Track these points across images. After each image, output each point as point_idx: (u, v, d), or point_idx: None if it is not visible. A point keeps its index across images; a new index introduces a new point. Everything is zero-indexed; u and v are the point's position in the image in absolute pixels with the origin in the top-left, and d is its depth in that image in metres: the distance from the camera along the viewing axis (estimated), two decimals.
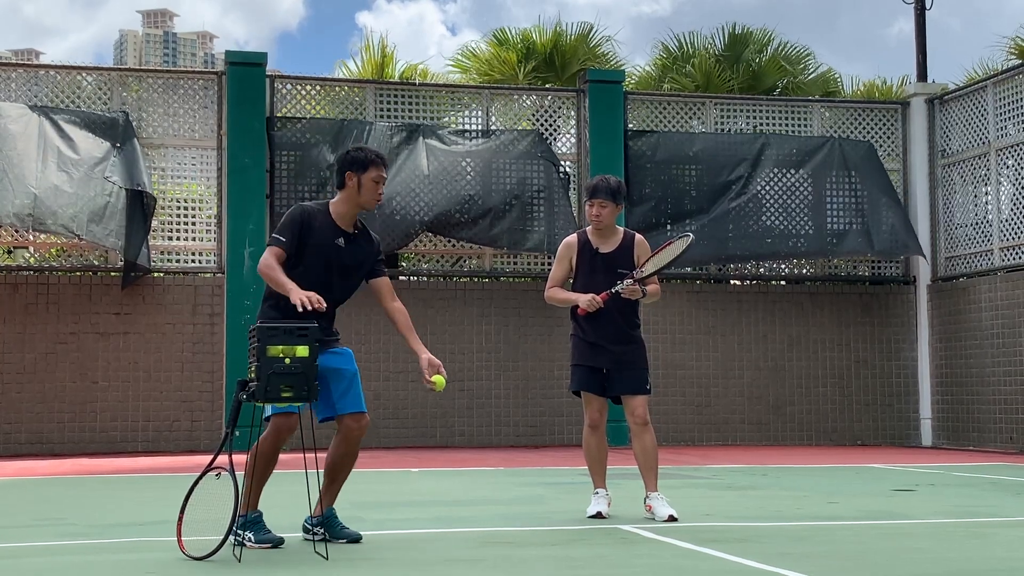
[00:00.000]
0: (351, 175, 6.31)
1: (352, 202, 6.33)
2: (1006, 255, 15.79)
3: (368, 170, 6.31)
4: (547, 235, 15.89)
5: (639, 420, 7.47)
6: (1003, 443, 15.40)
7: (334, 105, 16.30)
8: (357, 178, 6.30)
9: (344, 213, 6.34)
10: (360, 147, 6.51)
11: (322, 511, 6.31)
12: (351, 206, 6.34)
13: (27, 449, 14.45)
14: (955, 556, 6.13)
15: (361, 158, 6.34)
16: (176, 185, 15.74)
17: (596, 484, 7.58)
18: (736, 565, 5.66)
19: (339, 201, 6.36)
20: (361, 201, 6.33)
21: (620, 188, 7.59)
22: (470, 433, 15.78)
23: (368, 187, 6.31)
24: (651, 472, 7.45)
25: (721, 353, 16.63)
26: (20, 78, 15.32)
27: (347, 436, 6.27)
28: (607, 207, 7.50)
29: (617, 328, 7.51)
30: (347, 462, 6.33)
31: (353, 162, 6.33)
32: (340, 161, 6.42)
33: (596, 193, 7.51)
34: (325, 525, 6.28)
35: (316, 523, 6.30)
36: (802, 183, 16.85)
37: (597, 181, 7.59)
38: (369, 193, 6.32)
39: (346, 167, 6.34)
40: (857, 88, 21.82)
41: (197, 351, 15.10)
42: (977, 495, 9.47)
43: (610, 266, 7.50)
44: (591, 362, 7.56)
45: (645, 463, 7.45)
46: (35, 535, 6.88)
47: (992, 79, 16.38)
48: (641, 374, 7.54)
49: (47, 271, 14.95)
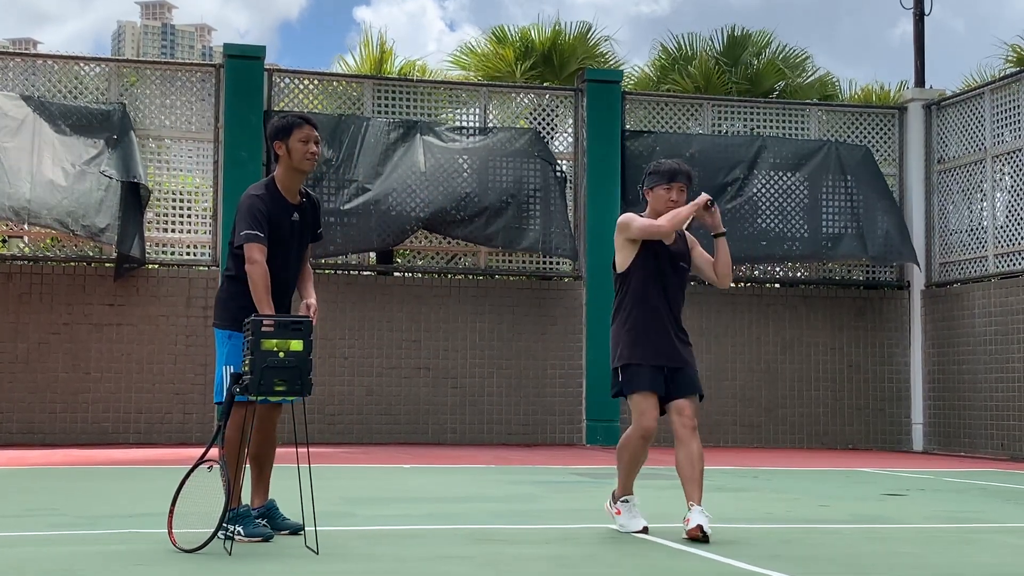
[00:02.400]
0: (279, 144, 6.30)
1: (289, 170, 6.32)
2: (1000, 262, 15.82)
3: (292, 133, 6.29)
4: (542, 235, 15.90)
5: (689, 423, 6.55)
6: (994, 449, 15.43)
7: (332, 100, 16.29)
8: (285, 144, 6.29)
9: (288, 185, 6.34)
10: (283, 114, 6.51)
11: (262, 502, 6.34)
12: (291, 174, 6.33)
13: (18, 439, 14.43)
14: (943, 561, 6.14)
15: (283, 124, 6.33)
16: (172, 177, 15.72)
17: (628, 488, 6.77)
18: (725, 566, 5.67)
19: (279, 175, 6.35)
20: (295, 165, 6.31)
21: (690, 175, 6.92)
22: (462, 430, 15.78)
23: (297, 149, 6.28)
24: (696, 483, 6.56)
25: (714, 355, 16.64)
26: (17, 67, 15.29)
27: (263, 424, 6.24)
28: (684, 193, 6.77)
29: (677, 324, 6.71)
30: (268, 450, 6.33)
31: (277, 131, 6.32)
32: (267, 136, 6.41)
33: (677, 176, 6.75)
34: (267, 516, 6.30)
35: (257, 515, 6.32)
36: (798, 186, 16.87)
37: (675, 164, 6.84)
38: (300, 154, 6.29)
39: (273, 138, 6.34)
40: (855, 92, 21.83)
41: (190, 344, 15.09)
42: (967, 501, 9.49)
43: (674, 259, 6.80)
44: (657, 360, 6.57)
45: (692, 473, 6.56)
46: (25, 525, 6.87)
47: (989, 86, 16.40)
48: (697, 375, 6.73)
49: (41, 261, 14.93)
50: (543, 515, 7.78)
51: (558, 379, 16.11)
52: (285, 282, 6.30)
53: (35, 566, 5.35)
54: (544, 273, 16.55)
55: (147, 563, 5.47)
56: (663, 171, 6.80)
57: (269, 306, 6.01)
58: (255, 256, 6.12)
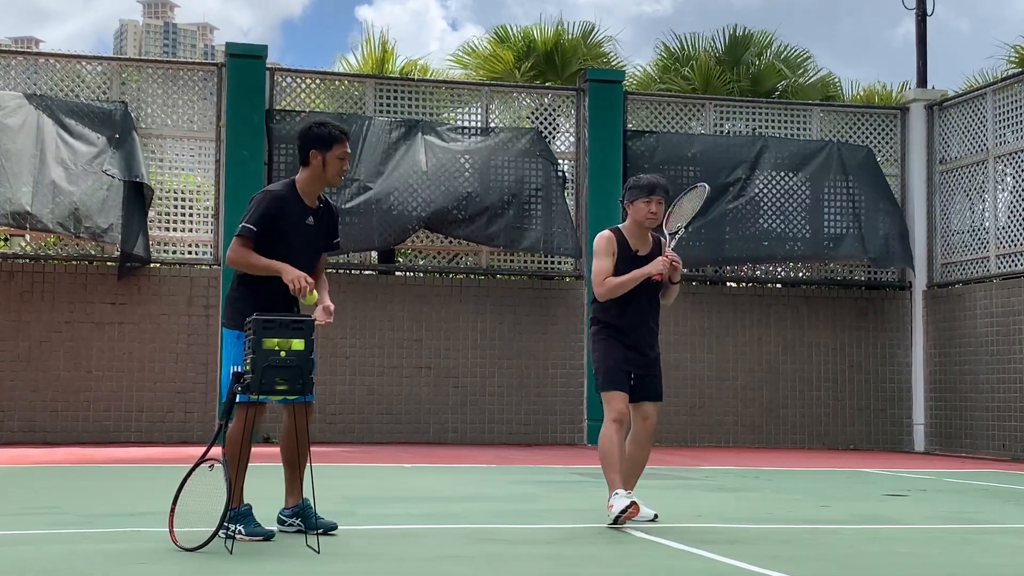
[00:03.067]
0: (316, 153, 6.25)
1: (318, 179, 6.29)
2: (1002, 262, 15.81)
3: (332, 148, 6.25)
4: (544, 235, 15.90)
5: (650, 427, 7.21)
6: (995, 450, 15.43)
7: (334, 99, 16.29)
8: (322, 156, 6.25)
9: (311, 191, 6.31)
10: (322, 122, 6.41)
11: (295, 502, 6.33)
12: (317, 183, 6.31)
13: (20, 437, 14.44)
14: (944, 562, 6.14)
15: (325, 135, 6.26)
16: (174, 176, 15.73)
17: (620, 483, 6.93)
18: (726, 566, 5.67)
19: (304, 179, 6.30)
20: (327, 178, 6.29)
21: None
22: (463, 430, 15.78)
23: (333, 164, 6.26)
24: (635, 479, 7.23)
25: (716, 355, 16.64)
26: (19, 66, 15.30)
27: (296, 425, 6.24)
28: (662, 206, 7.16)
29: (649, 332, 7.22)
30: (302, 450, 6.30)
31: (317, 140, 6.25)
32: (303, 138, 6.32)
33: (655, 190, 7.15)
34: (300, 516, 6.29)
35: (291, 514, 6.33)
36: (800, 187, 16.87)
37: (654, 179, 7.28)
38: (334, 170, 6.28)
39: (310, 145, 6.27)
40: (857, 93, 21.84)
41: (192, 342, 15.09)
42: (968, 501, 9.49)
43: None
44: (626, 365, 7.12)
45: (635, 470, 7.20)
46: (26, 523, 6.88)
47: (992, 86, 16.40)
48: (661, 381, 7.32)
49: (43, 259, 14.94)
50: (544, 515, 7.78)
51: (559, 379, 16.11)
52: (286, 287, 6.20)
53: (36, 564, 5.35)
54: (545, 273, 16.55)
55: (148, 562, 5.47)
56: (642, 185, 7.26)
57: (282, 265, 5.97)
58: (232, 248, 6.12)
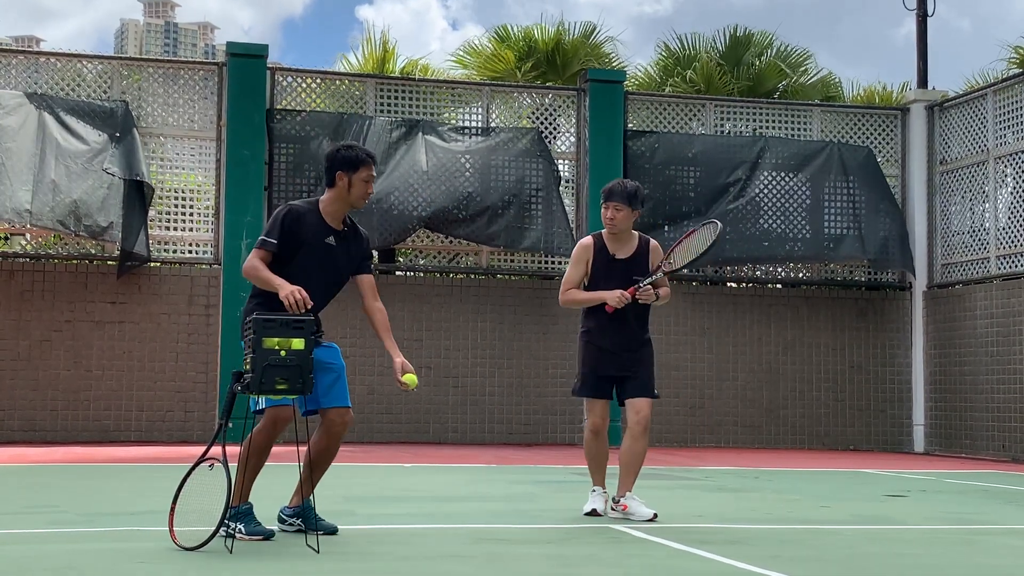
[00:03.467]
0: (342, 175, 6.27)
1: (342, 201, 6.30)
2: (1002, 263, 15.81)
3: (359, 170, 6.27)
4: (544, 235, 15.91)
5: (642, 422, 7.33)
6: (995, 451, 15.43)
7: (334, 99, 16.29)
8: (348, 178, 6.26)
9: (334, 212, 6.31)
10: (349, 144, 6.45)
11: (299, 502, 6.33)
12: (341, 205, 6.31)
13: (20, 436, 14.44)
14: (944, 562, 6.14)
15: (352, 157, 6.28)
16: (174, 176, 15.73)
17: (595, 482, 7.52)
18: (726, 567, 5.67)
19: (329, 200, 6.32)
20: (351, 200, 6.30)
21: (637, 193, 7.42)
22: (463, 430, 15.79)
23: (358, 187, 6.28)
24: (633, 475, 7.37)
25: (716, 355, 16.64)
26: (20, 65, 15.30)
27: (330, 430, 6.25)
28: (622, 211, 7.35)
29: (631, 333, 7.38)
30: (328, 456, 6.32)
31: (344, 162, 6.28)
32: (330, 159, 6.34)
33: (611, 196, 7.38)
34: (301, 516, 6.30)
35: (292, 514, 6.34)
36: (800, 187, 16.87)
37: (613, 184, 7.48)
38: (359, 192, 6.29)
39: (337, 166, 6.28)
40: (857, 93, 21.85)
41: (192, 342, 15.10)
42: (968, 502, 9.49)
43: (626, 273, 7.36)
44: (603, 370, 7.40)
45: (630, 464, 7.34)
46: (26, 522, 6.88)
47: (992, 87, 16.39)
48: (650, 378, 7.44)
49: (43, 258, 14.94)
50: (544, 515, 7.78)
51: (559, 379, 16.10)
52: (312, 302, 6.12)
53: (36, 564, 5.35)
54: (546, 273, 16.54)
55: (148, 561, 5.47)
56: (603, 190, 7.51)
57: (280, 281, 5.97)
58: (250, 258, 6.13)
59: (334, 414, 6.22)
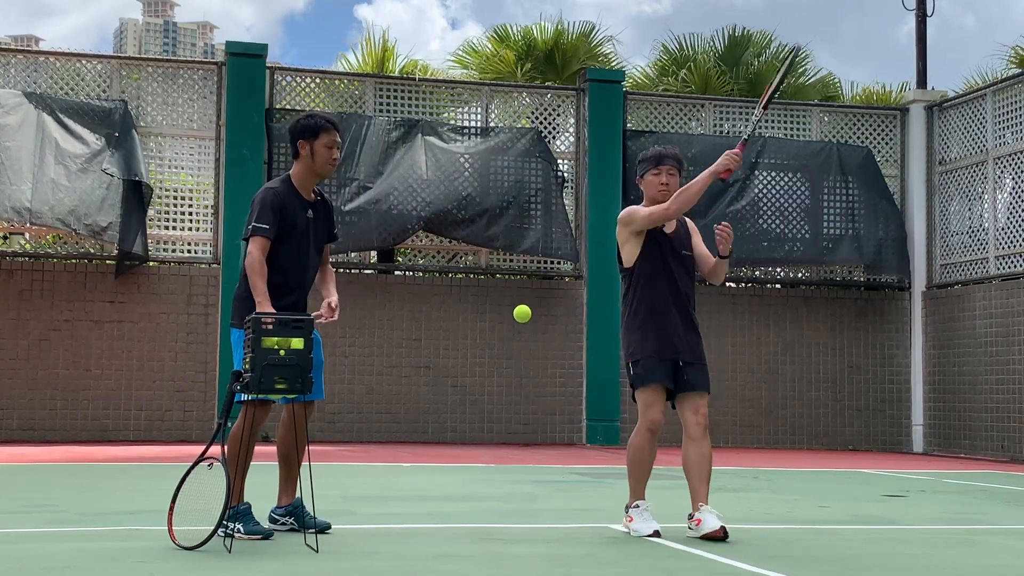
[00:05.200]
0: (303, 143, 6.30)
1: (308, 170, 6.33)
2: (1001, 263, 15.82)
3: (319, 136, 6.28)
4: (543, 237, 15.90)
5: (702, 421, 6.64)
6: (994, 451, 15.43)
7: (334, 98, 16.29)
8: (309, 145, 6.29)
9: (304, 183, 6.34)
10: (310, 113, 6.49)
11: (288, 501, 6.34)
12: (308, 175, 6.34)
13: (18, 435, 14.44)
14: (944, 562, 6.14)
15: (311, 125, 6.31)
16: (173, 175, 15.72)
17: (639, 494, 6.64)
18: (725, 566, 5.67)
19: (297, 172, 6.35)
20: (316, 168, 6.32)
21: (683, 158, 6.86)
22: (462, 429, 15.78)
23: (321, 153, 6.29)
24: (704, 483, 6.55)
25: (715, 355, 16.60)
26: (19, 64, 15.30)
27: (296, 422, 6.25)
28: (675, 175, 6.68)
29: (687, 315, 6.73)
30: (299, 447, 6.31)
31: (304, 130, 6.31)
32: (291, 130, 6.39)
33: (664, 160, 6.67)
34: (293, 515, 6.30)
35: (284, 513, 6.34)
36: (799, 188, 16.87)
37: (663, 149, 6.79)
38: (323, 159, 6.30)
39: (297, 135, 6.32)
40: (857, 94, 21.85)
41: (191, 341, 15.09)
42: (967, 502, 9.49)
43: (675, 248, 6.76)
44: (667, 353, 6.58)
45: (700, 472, 6.56)
46: (25, 522, 6.87)
47: (991, 87, 16.40)
48: (707, 370, 6.81)
49: (42, 258, 14.93)
50: (543, 515, 7.78)
51: (559, 378, 16.11)
52: (303, 277, 6.30)
53: (35, 563, 5.35)
54: (545, 273, 16.54)
55: (147, 560, 5.47)
56: (651, 156, 6.80)
57: (265, 297, 6.00)
58: (252, 249, 6.15)
59: (297, 407, 6.21)
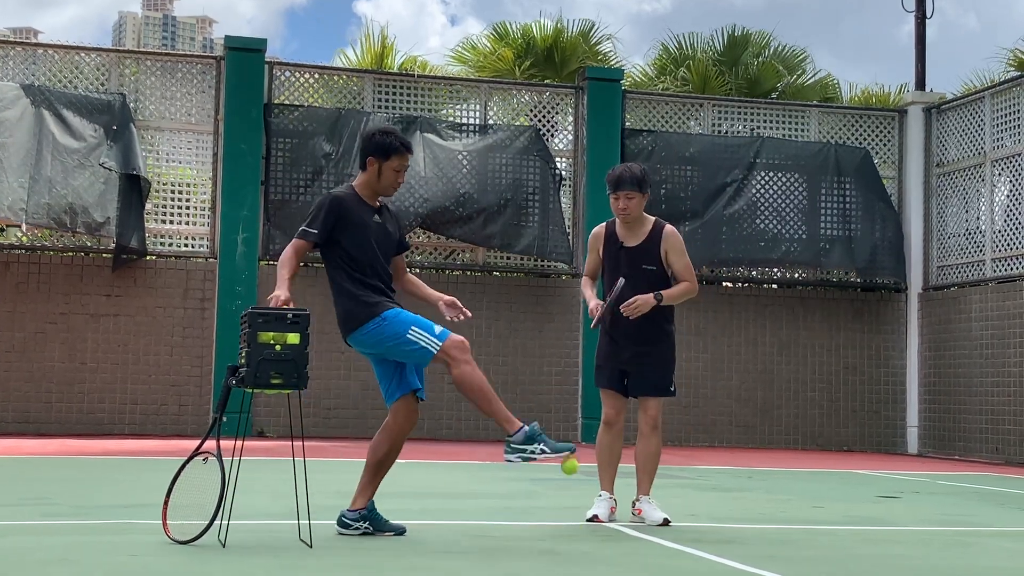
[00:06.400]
0: (372, 160, 6.22)
1: (371, 187, 6.27)
2: (998, 266, 15.83)
3: (390, 158, 6.21)
4: (539, 238, 15.90)
5: (650, 421, 7.10)
6: (989, 453, 15.45)
7: (332, 94, 16.27)
8: (379, 164, 6.22)
9: (367, 195, 6.29)
10: (386, 130, 6.34)
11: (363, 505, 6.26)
12: (370, 191, 6.29)
13: (14, 428, 14.42)
14: (938, 564, 6.15)
15: (385, 144, 6.22)
16: (171, 169, 15.71)
17: (602, 486, 7.19)
18: (719, 566, 5.67)
19: (361, 183, 6.28)
20: (379, 188, 6.27)
21: (645, 176, 7.11)
22: (458, 426, 15.78)
23: (388, 175, 6.24)
24: (647, 476, 7.13)
25: (711, 355, 16.65)
26: (17, 56, 15.27)
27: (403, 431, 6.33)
28: (634, 198, 7.02)
29: (641, 326, 7.00)
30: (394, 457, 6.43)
31: (377, 148, 6.22)
32: (365, 142, 6.29)
33: (621, 185, 7.02)
34: (369, 519, 6.25)
35: (357, 517, 6.24)
36: (797, 188, 16.88)
37: (620, 171, 7.09)
38: (388, 181, 6.26)
39: (370, 151, 6.24)
40: (855, 95, 21.87)
41: (187, 335, 15.08)
42: (961, 504, 9.50)
43: (634, 261, 7.04)
44: (612, 362, 7.14)
45: (644, 466, 7.13)
46: (20, 514, 6.87)
47: (990, 90, 16.41)
48: (662, 375, 7.12)
49: (39, 250, 14.92)
50: (538, 512, 7.78)
51: (554, 376, 16.12)
52: (381, 281, 6.21)
53: (30, 556, 5.35)
54: (542, 271, 16.54)
55: (141, 554, 5.47)
56: (610, 179, 7.17)
57: (284, 284, 5.93)
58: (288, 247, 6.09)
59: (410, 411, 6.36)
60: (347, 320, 6.17)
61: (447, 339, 6.12)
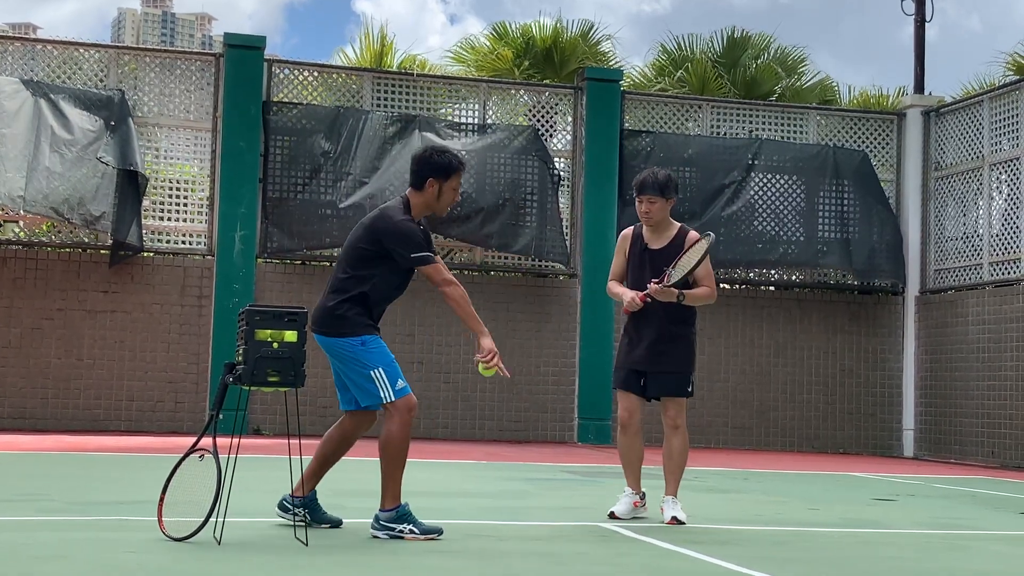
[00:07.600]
0: (433, 182, 6.22)
1: (428, 207, 6.29)
2: (995, 270, 15.84)
3: (451, 178, 6.25)
4: (536, 238, 15.89)
5: (670, 423, 7.34)
6: (984, 457, 15.46)
7: (331, 92, 16.27)
8: (439, 185, 6.23)
9: (419, 215, 6.31)
10: (443, 151, 6.37)
11: (304, 493, 6.31)
12: (424, 209, 6.30)
13: (9, 424, 14.41)
14: (933, 566, 6.16)
15: (445, 164, 6.24)
16: (169, 166, 15.70)
17: (627, 482, 7.44)
18: (714, 567, 5.68)
19: (417, 205, 6.27)
20: (437, 207, 6.31)
21: (669, 181, 7.33)
22: (454, 426, 15.78)
23: (448, 195, 6.28)
24: (671, 476, 7.30)
25: (707, 356, 16.63)
26: (17, 51, 15.26)
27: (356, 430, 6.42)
28: (656, 203, 7.28)
29: (660, 326, 7.28)
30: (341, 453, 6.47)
31: (438, 168, 6.22)
32: (422, 163, 6.26)
33: (644, 189, 7.29)
34: (308, 507, 6.29)
35: (298, 504, 6.30)
36: (795, 190, 16.89)
37: (645, 176, 7.36)
38: (447, 200, 6.31)
39: (428, 172, 6.23)
40: (854, 97, 21.87)
41: (184, 332, 15.07)
42: (957, 507, 9.51)
43: (657, 263, 7.27)
44: (629, 363, 7.33)
45: (667, 466, 7.33)
46: (15, 510, 6.87)
47: (988, 94, 16.42)
48: (680, 376, 7.34)
49: (36, 246, 14.90)
50: (534, 512, 7.78)
51: (551, 376, 16.12)
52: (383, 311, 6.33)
53: (25, 551, 5.35)
54: (540, 271, 16.54)
55: (137, 550, 5.47)
56: (635, 183, 7.45)
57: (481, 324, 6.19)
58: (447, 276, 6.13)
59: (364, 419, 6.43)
60: (333, 322, 6.18)
61: (402, 398, 6.12)
